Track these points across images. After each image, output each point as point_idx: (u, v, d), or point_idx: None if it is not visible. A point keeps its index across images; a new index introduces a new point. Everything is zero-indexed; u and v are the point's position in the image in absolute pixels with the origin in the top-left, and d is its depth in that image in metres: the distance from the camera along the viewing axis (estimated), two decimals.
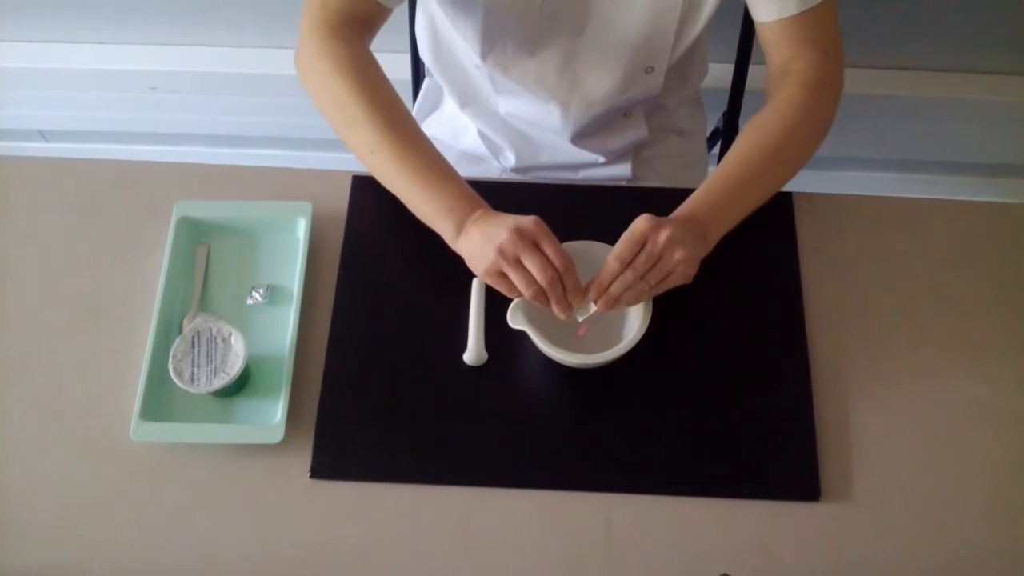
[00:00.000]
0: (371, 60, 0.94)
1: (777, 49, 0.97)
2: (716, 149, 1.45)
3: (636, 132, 1.14)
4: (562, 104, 1.06)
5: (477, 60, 1.03)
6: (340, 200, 1.02)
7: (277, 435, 0.88)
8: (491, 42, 1.00)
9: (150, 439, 0.88)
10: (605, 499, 0.88)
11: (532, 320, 0.87)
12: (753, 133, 0.95)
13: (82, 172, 1.06)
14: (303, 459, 0.89)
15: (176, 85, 1.67)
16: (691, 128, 1.25)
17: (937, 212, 1.04)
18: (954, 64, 1.59)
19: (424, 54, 1.12)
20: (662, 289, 0.87)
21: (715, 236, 0.91)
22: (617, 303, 0.85)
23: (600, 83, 1.03)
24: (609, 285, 0.84)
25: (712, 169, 1.00)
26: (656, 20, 0.95)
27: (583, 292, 0.85)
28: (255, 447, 0.89)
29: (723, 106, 1.38)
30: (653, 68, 1.02)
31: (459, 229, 0.89)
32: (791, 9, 0.92)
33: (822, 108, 0.96)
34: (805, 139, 0.95)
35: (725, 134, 1.40)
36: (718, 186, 0.93)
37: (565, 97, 1.06)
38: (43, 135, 1.92)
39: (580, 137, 1.12)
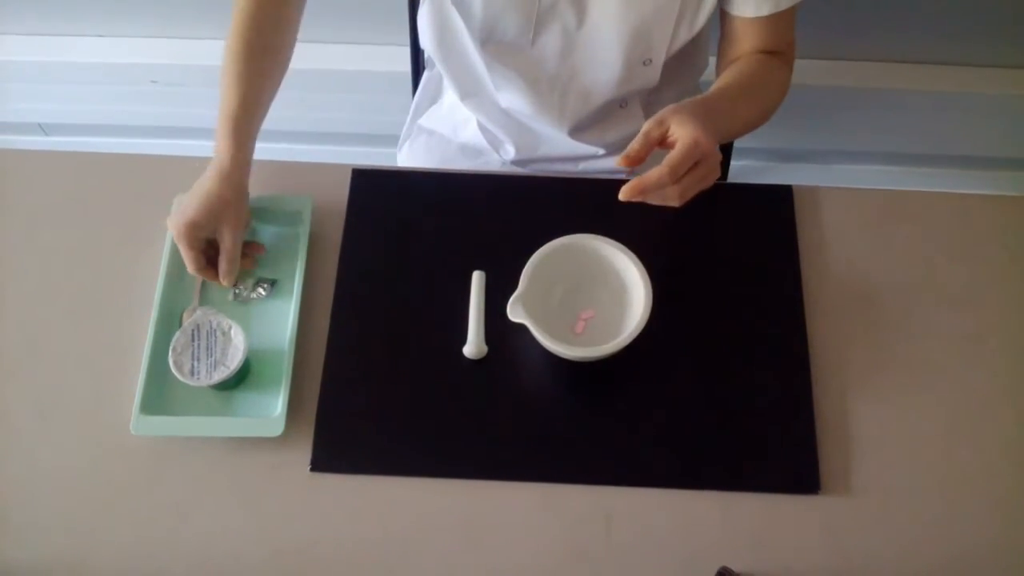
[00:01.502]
0: (268, 14, 0.99)
1: (739, 44, 0.98)
2: None
3: (634, 124, 1.14)
4: (560, 95, 1.06)
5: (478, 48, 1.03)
6: (340, 193, 1.02)
7: (277, 428, 0.88)
8: (490, 30, 1.00)
9: (150, 433, 0.88)
10: (605, 492, 0.88)
11: (532, 313, 0.87)
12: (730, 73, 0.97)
13: (82, 165, 1.06)
14: (303, 452, 0.89)
15: (176, 78, 1.66)
16: None
17: (937, 205, 1.04)
18: (954, 57, 1.58)
19: (427, 43, 1.12)
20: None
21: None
22: (641, 196, 0.82)
23: (598, 74, 1.03)
24: (650, 187, 0.81)
25: None
26: (655, 14, 0.95)
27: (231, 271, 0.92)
28: (255, 440, 0.89)
29: None
30: (651, 60, 1.02)
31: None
32: (765, 9, 0.93)
33: (776, 94, 0.99)
34: (771, 99, 0.99)
35: None
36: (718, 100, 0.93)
37: (563, 88, 1.06)
38: (43, 128, 1.92)
39: (578, 130, 1.12)
